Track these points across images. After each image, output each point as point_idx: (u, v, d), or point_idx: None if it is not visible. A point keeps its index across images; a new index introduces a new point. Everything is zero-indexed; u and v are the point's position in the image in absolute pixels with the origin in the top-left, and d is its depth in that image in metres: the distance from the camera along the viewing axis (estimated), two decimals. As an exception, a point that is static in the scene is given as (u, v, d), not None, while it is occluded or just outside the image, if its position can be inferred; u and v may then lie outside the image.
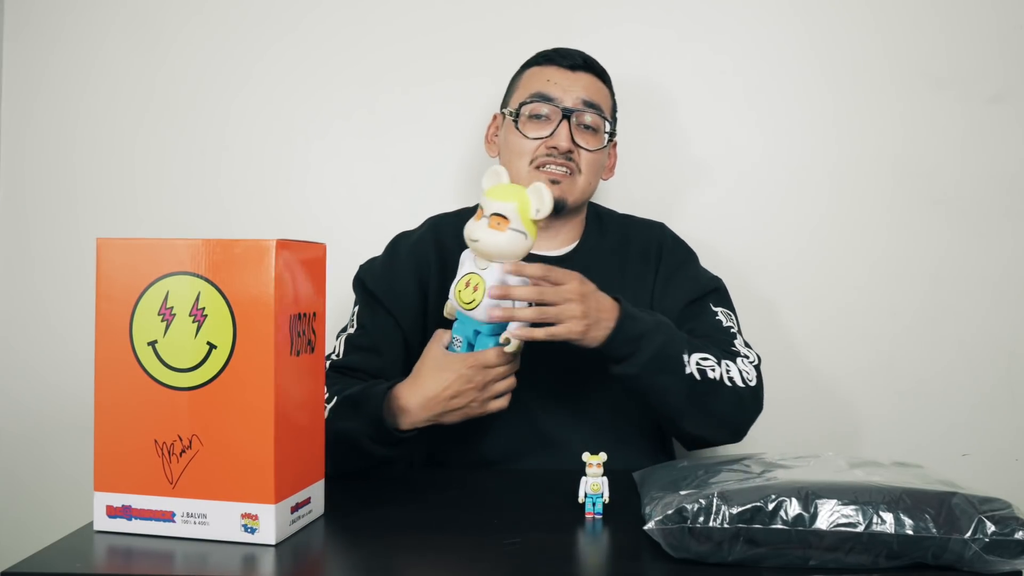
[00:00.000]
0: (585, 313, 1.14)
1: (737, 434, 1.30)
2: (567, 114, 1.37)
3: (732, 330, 1.35)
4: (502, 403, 1.18)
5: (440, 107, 1.73)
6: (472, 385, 1.15)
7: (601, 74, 1.45)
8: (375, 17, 1.74)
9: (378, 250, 1.45)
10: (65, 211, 1.77)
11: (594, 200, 1.51)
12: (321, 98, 1.74)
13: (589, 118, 1.39)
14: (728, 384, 1.25)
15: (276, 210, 1.75)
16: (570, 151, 1.37)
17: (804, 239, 1.72)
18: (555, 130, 1.37)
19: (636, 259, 1.43)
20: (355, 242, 1.54)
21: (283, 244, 0.91)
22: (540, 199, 1.11)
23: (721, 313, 1.37)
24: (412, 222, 1.50)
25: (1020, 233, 1.70)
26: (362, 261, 1.44)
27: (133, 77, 1.76)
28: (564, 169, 1.37)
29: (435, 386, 1.16)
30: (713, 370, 1.24)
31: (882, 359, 1.71)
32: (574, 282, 1.14)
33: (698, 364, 1.22)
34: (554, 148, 1.36)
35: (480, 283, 1.11)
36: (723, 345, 1.31)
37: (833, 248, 1.72)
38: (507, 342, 1.12)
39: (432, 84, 1.73)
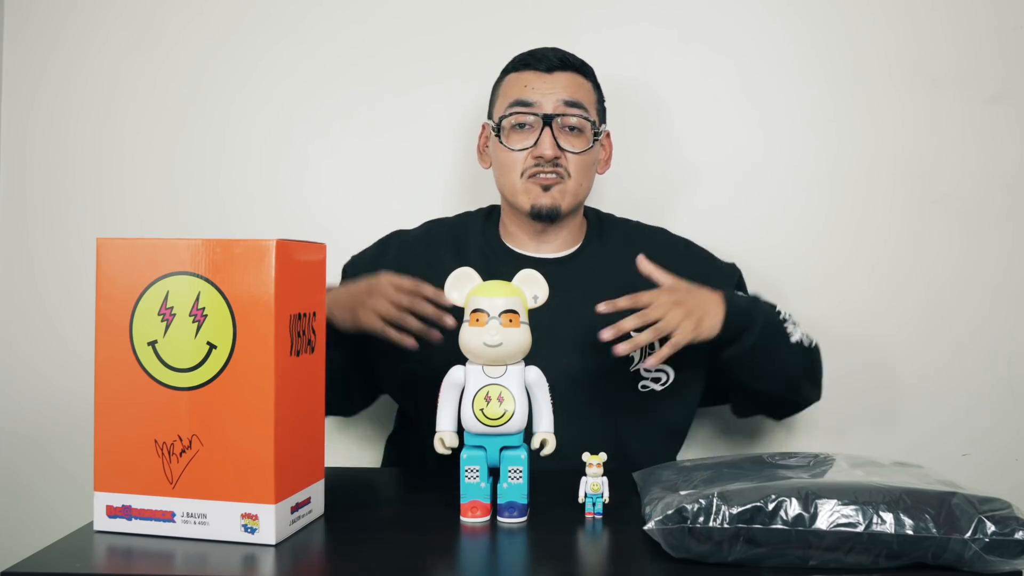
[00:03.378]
0: (689, 310, 1.18)
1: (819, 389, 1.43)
2: (548, 120, 1.35)
3: None
4: (405, 340, 1.20)
5: (440, 108, 1.73)
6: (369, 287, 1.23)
7: (580, 68, 1.41)
8: (375, 18, 1.73)
9: (376, 250, 1.45)
10: (65, 211, 1.76)
11: (593, 202, 1.50)
12: (321, 98, 1.74)
13: (573, 119, 1.37)
14: (815, 347, 1.37)
15: (276, 210, 1.75)
16: (556, 157, 1.35)
17: (803, 239, 1.72)
18: (539, 138, 1.35)
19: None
20: (355, 242, 1.54)
21: (283, 244, 0.91)
22: (537, 285, 1.02)
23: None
24: (411, 222, 1.50)
25: (1020, 233, 1.70)
26: (360, 262, 1.44)
27: (133, 77, 1.76)
28: (553, 175, 1.36)
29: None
30: (808, 338, 1.34)
31: (882, 359, 1.71)
32: (662, 295, 1.18)
33: (801, 336, 1.32)
34: (540, 157, 1.35)
35: (504, 392, 0.99)
36: None
37: (833, 248, 1.71)
38: (543, 445, 1.01)
39: (432, 85, 1.73)
